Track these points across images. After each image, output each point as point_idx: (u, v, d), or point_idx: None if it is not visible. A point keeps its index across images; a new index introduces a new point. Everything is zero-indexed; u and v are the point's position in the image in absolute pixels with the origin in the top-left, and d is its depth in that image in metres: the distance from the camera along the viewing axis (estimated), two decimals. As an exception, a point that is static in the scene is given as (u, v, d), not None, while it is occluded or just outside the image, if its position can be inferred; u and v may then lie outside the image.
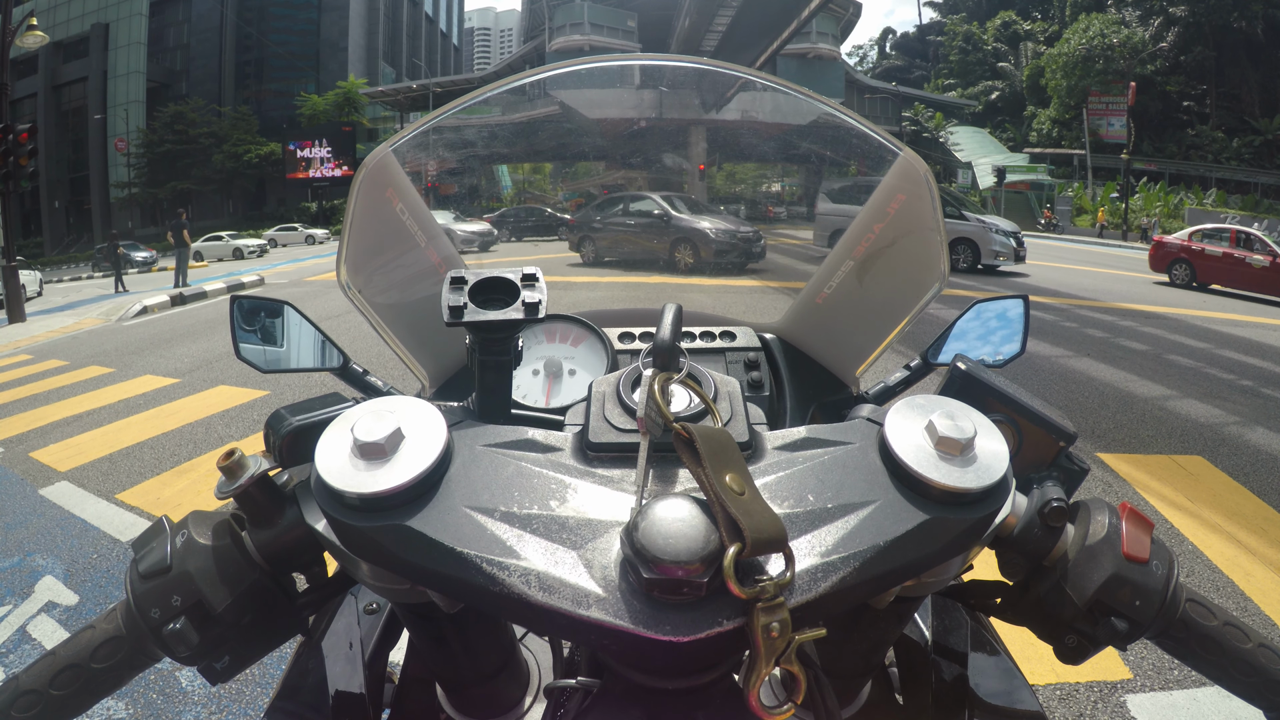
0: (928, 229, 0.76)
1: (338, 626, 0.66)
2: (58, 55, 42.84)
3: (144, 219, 41.48)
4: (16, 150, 10.56)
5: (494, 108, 0.92)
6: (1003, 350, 0.89)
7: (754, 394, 0.90)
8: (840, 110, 0.80)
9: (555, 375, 0.86)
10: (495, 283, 0.52)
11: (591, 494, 0.36)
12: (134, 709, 1.88)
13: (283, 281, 13.11)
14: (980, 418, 0.39)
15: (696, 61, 0.82)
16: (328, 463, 0.35)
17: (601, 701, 0.39)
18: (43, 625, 2.30)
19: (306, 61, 47.21)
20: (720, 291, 2.40)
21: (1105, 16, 35.17)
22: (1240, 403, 4.66)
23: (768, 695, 0.51)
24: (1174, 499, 3.11)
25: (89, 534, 2.96)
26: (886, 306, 0.83)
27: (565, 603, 0.31)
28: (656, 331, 0.41)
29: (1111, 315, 8.17)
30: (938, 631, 0.64)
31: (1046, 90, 36.85)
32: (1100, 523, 0.44)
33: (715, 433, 0.35)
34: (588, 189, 2.07)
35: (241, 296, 0.85)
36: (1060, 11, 40.47)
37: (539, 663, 0.61)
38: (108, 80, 42.71)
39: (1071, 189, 32.78)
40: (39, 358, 7.22)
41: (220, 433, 4.26)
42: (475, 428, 0.40)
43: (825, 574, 0.32)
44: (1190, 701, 1.83)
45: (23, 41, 11.37)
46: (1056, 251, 19.23)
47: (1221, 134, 33.79)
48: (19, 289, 10.96)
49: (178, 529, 0.42)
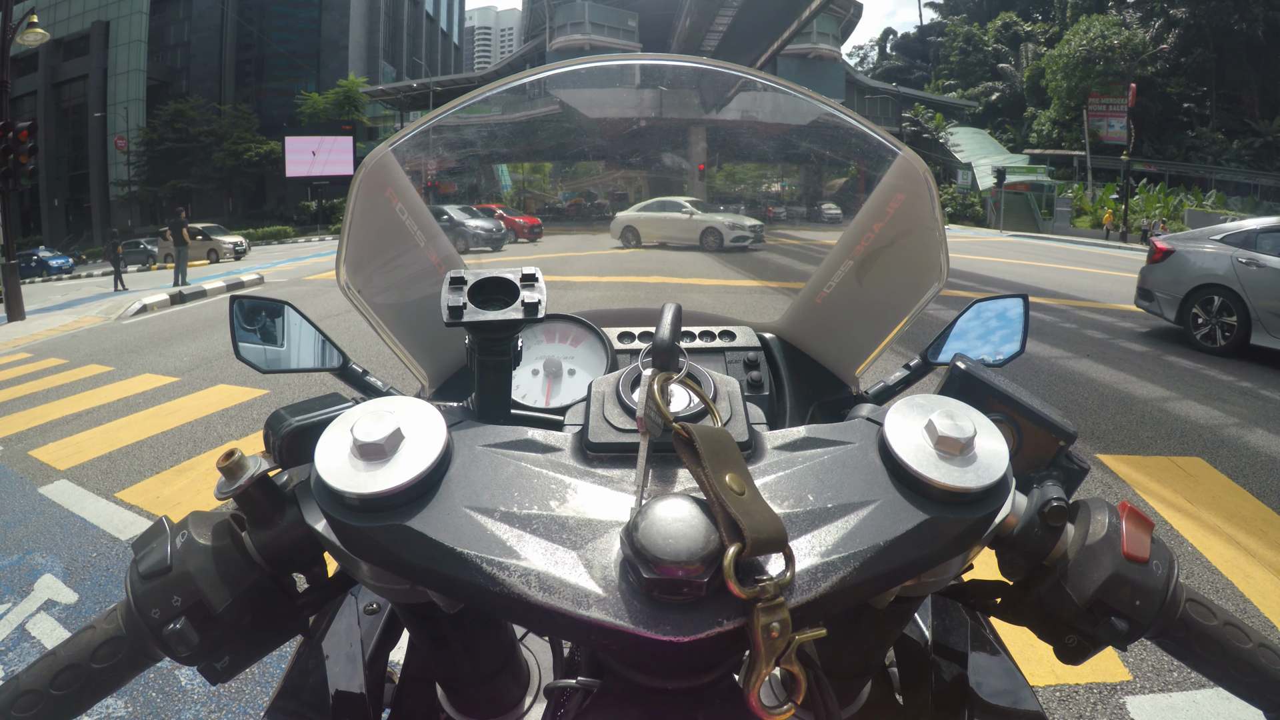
0: (927, 228, 0.76)
1: (338, 626, 0.66)
2: (58, 53, 42.81)
3: (144, 217, 41.42)
4: (16, 148, 10.55)
5: (494, 107, 0.91)
6: (1002, 350, 0.89)
7: (754, 394, 0.90)
8: (840, 110, 0.80)
9: (555, 375, 0.86)
10: (494, 283, 0.52)
11: (591, 494, 0.36)
12: (133, 708, 1.88)
13: (282, 280, 13.11)
14: (980, 417, 0.39)
15: (697, 61, 0.82)
16: (327, 463, 0.35)
17: (601, 701, 0.39)
18: (42, 623, 2.30)
19: (307, 60, 47.15)
20: (720, 291, 2.40)
21: (1106, 18, 35.17)
22: (1240, 404, 4.66)
23: (768, 695, 0.51)
24: (1173, 500, 3.11)
25: (88, 532, 2.96)
26: (886, 306, 0.83)
27: (565, 603, 0.31)
28: (656, 331, 0.41)
29: (1111, 316, 8.17)
30: (938, 631, 0.64)
31: (1047, 91, 36.86)
32: (1100, 522, 0.44)
33: (715, 433, 0.35)
34: (588, 188, 2.08)
35: (241, 296, 0.85)
36: (1061, 13, 40.48)
37: (539, 663, 0.61)
38: (108, 78, 42.67)
39: (1071, 190, 32.77)
40: (38, 356, 7.22)
41: (220, 432, 4.26)
42: (475, 428, 0.40)
43: (825, 574, 0.32)
44: (1190, 703, 1.83)
45: (23, 39, 11.35)
46: (1054, 252, 19.23)
47: (1221, 136, 33.80)
48: (19, 287, 10.95)
49: (178, 529, 0.42)
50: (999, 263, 14.21)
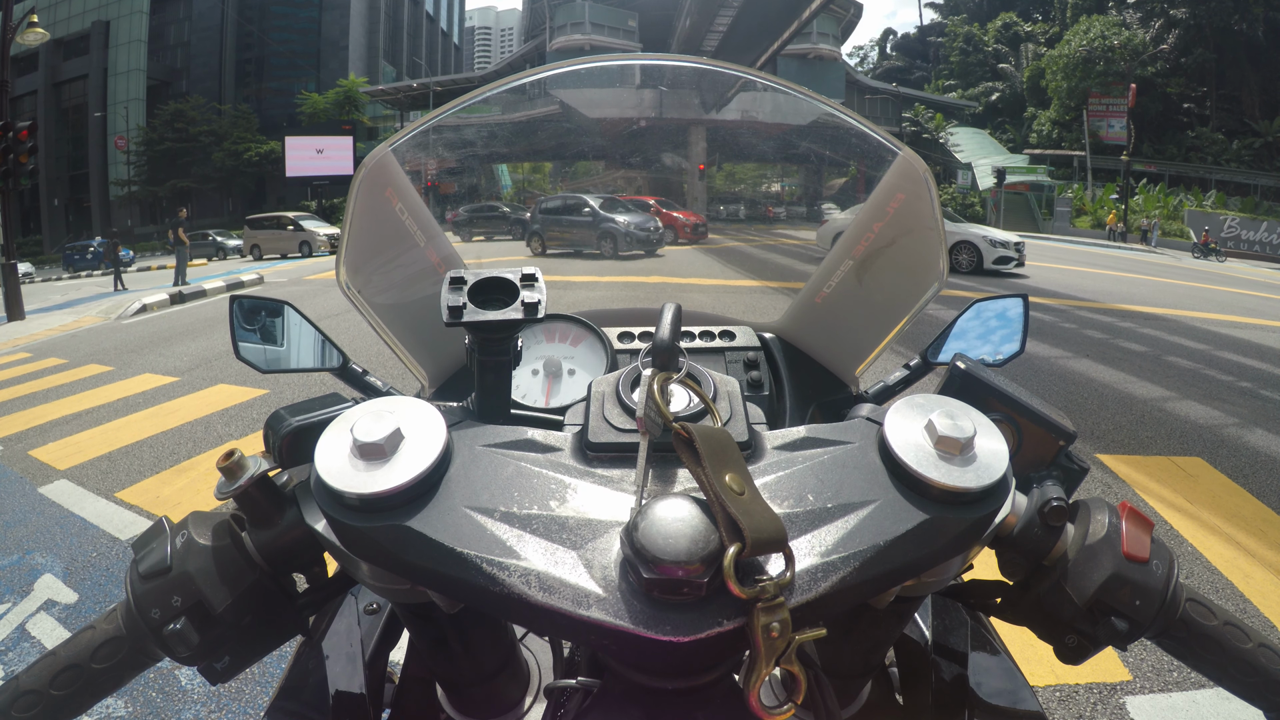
0: (927, 228, 0.76)
1: (338, 626, 0.66)
2: (58, 52, 42.80)
3: (144, 217, 41.44)
4: (16, 148, 10.54)
5: (494, 107, 0.92)
6: (1002, 349, 0.89)
7: (753, 393, 0.90)
8: (840, 110, 0.80)
9: (555, 375, 0.86)
10: (494, 283, 0.52)
11: (591, 494, 0.36)
12: (133, 707, 1.88)
13: (282, 280, 13.10)
14: (980, 417, 0.39)
15: (696, 61, 0.82)
16: (327, 463, 0.35)
17: (601, 701, 0.39)
18: (42, 623, 2.30)
19: (307, 60, 47.17)
20: (720, 291, 2.39)
21: (1106, 18, 35.15)
22: (1239, 404, 4.66)
23: (768, 695, 0.51)
24: (1173, 500, 3.11)
25: (88, 532, 2.96)
26: (886, 306, 0.83)
27: (565, 603, 0.31)
28: (656, 331, 0.41)
29: (1111, 316, 8.17)
30: (938, 631, 0.64)
31: (1047, 92, 36.83)
32: (1100, 522, 0.44)
33: (715, 432, 0.35)
34: (588, 188, 2.07)
35: (241, 296, 0.85)
36: (1061, 13, 40.46)
37: (539, 663, 0.61)
38: (108, 78, 42.67)
39: (1071, 190, 32.76)
40: (38, 356, 7.22)
41: (220, 431, 4.25)
42: (475, 428, 0.40)
43: (825, 574, 0.32)
44: (1190, 704, 1.83)
45: (23, 39, 11.35)
46: (1054, 252, 19.23)
47: (1221, 136, 33.77)
48: (18, 287, 10.95)
49: (178, 529, 0.42)
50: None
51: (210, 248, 25.72)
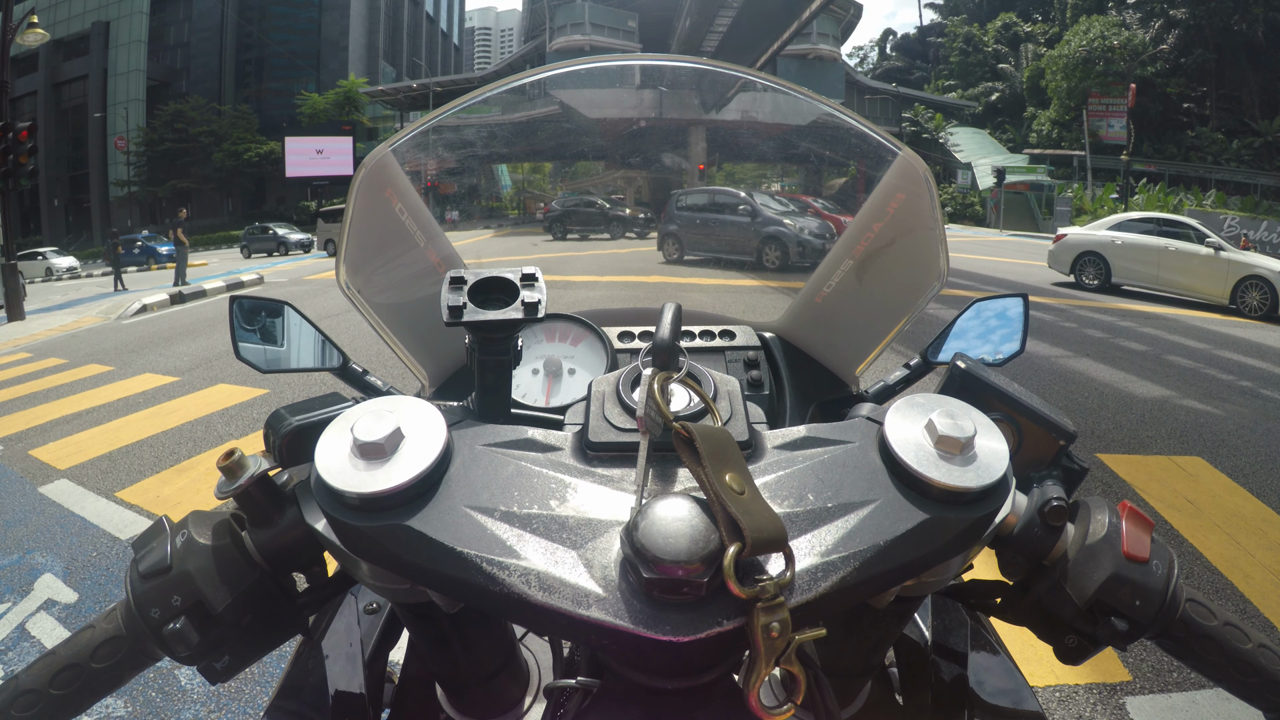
0: (927, 228, 0.76)
1: (338, 626, 0.66)
2: (58, 53, 42.80)
3: (143, 217, 41.42)
4: (16, 148, 10.54)
5: (494, 107, 0.91)
6: (1002, 349, 0.89)
7: (754, 393, 0.90)
8: (840, 110, 0.80)
9: (555, 375, 0.86)
10: (494, 282, 0.52)
11: (591, 494, 0.36)
12: (133, 707, 1.88)
13: (282, 280, 13.10)
14: (980, 416, 0.39)
15: (696, 61, 0.82)
16: (327, 462, 0.35)
17: (601, 701, 0.39)
18: (42, 623, 2.30)
19: (307, 60, 47.15)
20: (720, 291, 2.39)
21: (1106, 19, 35.13)
22: (1240, 404, 4.66)
23: (768, 695, 0.51)
24: (1173, 500, 3.11)
25: (88, 532, 2.96)
26: (886, 305, 0.83)
27: (565, 603, 0.31)
28: (656, 331, 0.41)
29: (1111, 315, 8.17)
30: (938, 631, 0.64)
31: (1046, 92, 36.81)
32: (1100, 522, 0.44)
33: (715, 432, 0.35)
34: (588, 188, 2.06)
35: (241, 296, 0.85)
36: (1061, 14, 40.44)
37: (539, 663, 0.61)
38: (108, 78, 42.67)
39: (1071, 190, 32.75)
40: (38, 356, 7.22)
41: (220, 431, 4.25)
42: (475, 427, 0.40)
43: (825, 574, 0.32)
44: (1189, 704, 1.83)
45: (23, 39, 11.35)
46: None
47: (1221, 136, 33.75)
48: (18, 287, 10.95)
49: (178, 529, 0.42)
50: (999, 262, 14.21)
51: (271, 242, 25.09)
